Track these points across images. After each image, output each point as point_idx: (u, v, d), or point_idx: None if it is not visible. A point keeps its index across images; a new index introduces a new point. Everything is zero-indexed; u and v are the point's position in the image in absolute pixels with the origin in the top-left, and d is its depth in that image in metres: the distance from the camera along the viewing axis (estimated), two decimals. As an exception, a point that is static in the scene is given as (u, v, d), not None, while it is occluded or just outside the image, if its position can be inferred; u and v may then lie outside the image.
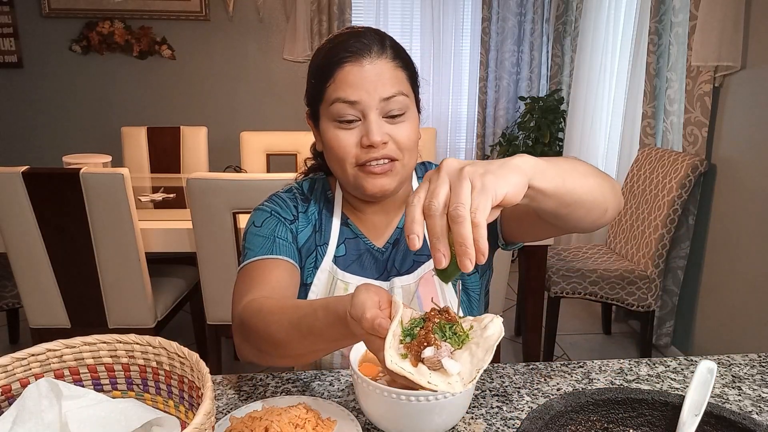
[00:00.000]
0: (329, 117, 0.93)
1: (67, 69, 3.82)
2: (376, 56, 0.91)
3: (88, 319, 2.10)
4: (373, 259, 1.04)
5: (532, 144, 3.77)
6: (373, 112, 0.91)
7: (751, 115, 2.26)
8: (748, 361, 0.96)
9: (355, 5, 3.82)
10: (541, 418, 0.68)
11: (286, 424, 0.70)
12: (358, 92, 0.90)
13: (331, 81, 0.92)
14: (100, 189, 1.88)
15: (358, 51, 0.91)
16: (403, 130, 0.94)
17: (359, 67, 0.90)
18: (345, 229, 1.04)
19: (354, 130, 0.92)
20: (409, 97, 0.95)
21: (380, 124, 0.92)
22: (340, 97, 0.91)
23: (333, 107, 0.92)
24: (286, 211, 1.04)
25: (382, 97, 0.91)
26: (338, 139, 0.93)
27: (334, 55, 0.92)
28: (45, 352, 0.66)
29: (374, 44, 0.92)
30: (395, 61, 0.93)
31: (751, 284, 2.26)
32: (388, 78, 0.92)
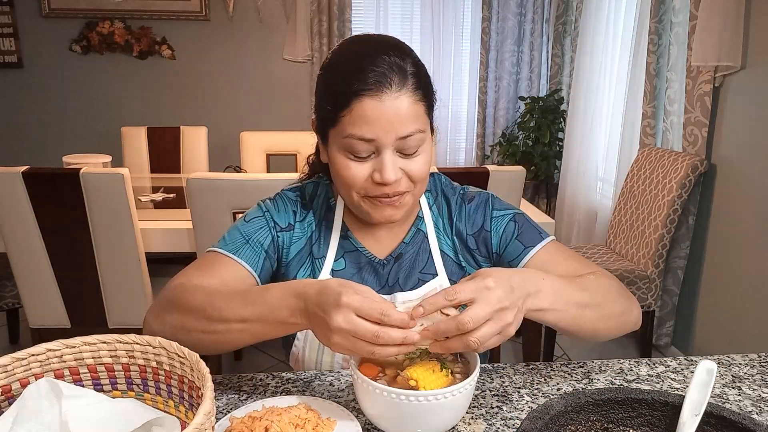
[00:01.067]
0: (341, 146, 0.89)
1: (67, 69, 3.82)
2: (396, 90, 0.85)
3: (88, 319, 2.10)
4: (374, 272, 1.01)
5: (532, 144, 3.77)
6: (388, 149, 0.86)
7: (751, 115, 2.26)
8: (748, 361, 0.96)
9: (355, 5, 3.82)
10: (541, 418, 0.68)
11: (286, 424, 0.70)
12: (375, 130, 0.85)
13: (347, 112, 0.85)
14: (100, 189, 1.88)
15: (378, 83, 0.84)
16: (417, 164, 0.90)
17: (378, 103, 0.84)
18: (344, 242, 1.01)
19: (366, 164, 0.88)
20: (425, 132, 0.90)
21: (394, 161, 0.87)
22: (355, 133, 0.85)
23: (347, 140, 0.87)
24: (282, 216, 1.01)
25: (399, 136, 0.86)
26: (348, 169, 0.89)
27: (352, 84, 0.85)
28: (45, 352, 0.66)
29: (395, 75, 0.85)
30: (416, 93, 0.87)
31: (751, 284, 2.26)
32: (407, 116, 0.86)
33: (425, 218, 1.03)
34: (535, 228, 1.01)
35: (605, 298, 0.88)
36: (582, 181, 3.50)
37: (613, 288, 0.90)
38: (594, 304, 0.85)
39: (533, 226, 1.02)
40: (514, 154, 3.79)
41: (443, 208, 1.05)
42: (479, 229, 1.02)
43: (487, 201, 1.04)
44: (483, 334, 0.69)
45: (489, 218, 1.02)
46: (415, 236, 1.02)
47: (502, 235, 1.01)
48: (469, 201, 1.04)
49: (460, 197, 1.05)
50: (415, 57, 0.91)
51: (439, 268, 1.01)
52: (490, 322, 0.69)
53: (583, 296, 0.83)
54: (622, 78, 3.18)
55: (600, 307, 0.86)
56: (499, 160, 3.95)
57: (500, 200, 1.05)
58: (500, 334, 0.71)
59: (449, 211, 1.04)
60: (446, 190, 1.06)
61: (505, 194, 1.99)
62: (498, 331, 0.70)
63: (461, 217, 1.03)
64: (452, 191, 1.06)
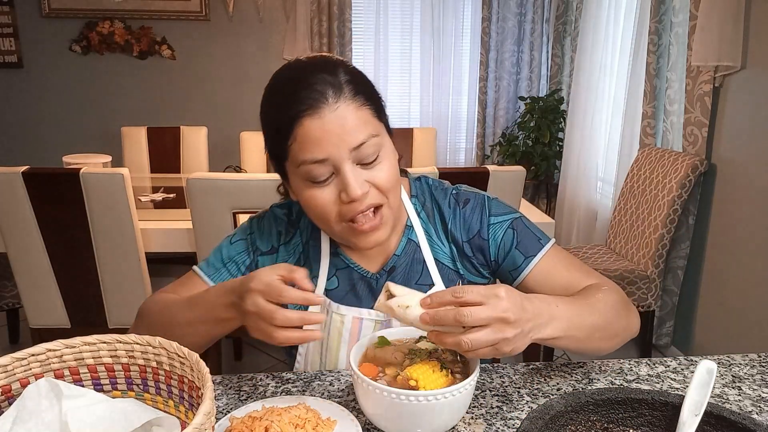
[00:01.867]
0: (300, 177, 0.85)
1: (67, 69, 3.82)
2: (333, 102, 0.81)
3: (88, 319, 2.10)
4: (368, 287, 0.97)
5: (532, 144, 3.77)
6: (345, 164, 0.82)
7: (751, 115, 2.26)
8: (748, 361, 0.96)
9: (355, 5, 3.82)
10: (541, 418, 0.68)
11: (286, 424, 0.70)
12: (325, 148, 0.80)
13: (292, 140, 0.82)
14: (100, 189, 1.88)
15: (313, 100, 0.80)
16: (382, 173, 0.85)
17: (319, 120, 0.80)
18: (335, 259, 0.98)
19: (330, 186, 0.84)
20: (380, 135, 0.85)
21: (356, 174, 0.82)
22: (306, 158, 0.81)
23: (301, 169, 0.83)
24: (265, 239, 1.00)
25: (352, 147, 0.81)
26: (315, 199, 0.85)
27: (288, 111, 0.81)
28: (45, 352, 0.66)
29: (328, 87, 0.81)
30: (356, 99, 0.82)
31: (751, 284, 2.26)
32: (353, 124, 0.81)
33: (414, 227, 0.98)
34: (534, 234, 0.97)
35: (614, 317, 0.87)
36: (582, 181, 3.50)
37: (618, 305, 0.89)
38: (603, 326, 0.84)
39: (532, 232, 0.97)
40: (514, 154, 3.79)
41: (434, 213, 1.00)
42: (475, 236, 0.97)
43: (483, 205, 0.99)
44: (476, 337, 0.68)
45: (486, 225, 0.97)
46: (406, 247, 0.98)
47: (500, 244, 0.96)
48: (464, 204, 0.99)
49: (453, 199, 0.99)
50: (348, 66, 0.87)
51: (435, 277, 0.97)
52: (488, 329, 0.68)
53: (594, 320, 0.82)
54: (622, 78, 3.18)
55: (608, 327, 0.85)
56: (499, 160, 3.95)
57: (497, 202, 1.00)
58: (495, 347, 0.69)
59: (442, 216, 0.99)
60: (436, 193, 1.01)
61: (505, 194, 1.99)
62: (493, 342, 0.69)
63: (456, 222, 0.98)
64: (443, 194, 1.00)
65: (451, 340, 0.70)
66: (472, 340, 0.68)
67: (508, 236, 0.96)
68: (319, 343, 0.97)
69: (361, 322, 0.95)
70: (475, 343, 0.68)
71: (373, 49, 3.92)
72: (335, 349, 0.96)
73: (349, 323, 0.95)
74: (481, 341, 0.68)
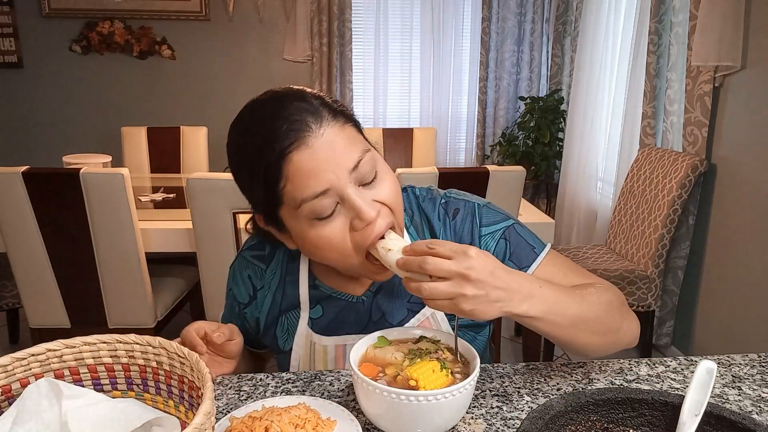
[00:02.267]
0: (302, 218, 0.78)
1: (67, 69, 3.82)
2: (317, 128, 0.75)
3: (88, 319, 2.10)
4: (354, 312, 0.94)
5: (532, 144, 3.78)
6: (349, 189, 0.76)
7: (751, 115, 2.26)
8: (748, 361, 0.96)
9: (355, 5, 3.82)
10: (541, 418, 0.68)
11: (286, 424, 0.70)
12: (323, 178, 0.74)
13: (284, 181, 0.75)
14: (100, 189, 1.88)
15: (296, 131, 0.74)
16: (385, 189, 0.80)
17: (308, 150, 0.74)
18: (314, 291, 0.95)
19: (338, 218, 0.77)
20: (371, 150, 0.80)
21: (363, 197, 0.77)
22: (307, 195, 0.75)
23: (303, 209, 0.76)
24: (242, 291, 0.99)
25: (350, 168, 0.76)
26: (326, 237, 0.78)
27: (270, 151, 0.74)
28: (45, 352, 0.66)
29: (307, 114, 0.75)
30: (337, 119, 0.77)
31: (751, 284, 2.26)
32: (343, 144, 0.76)
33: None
34: (528, 243, 0.92)
35: (605, 312, 0.83)
36: (582, 181, 3.50)
37: (613, 303, 0.86)
38: (591, 319, 0.81)
39: (525, 240, 0.93)
40: (514, 154, 3.79)
41: (423, 226, 0.94)
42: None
43: (473, 215, 0.93)
44: (435, 286, 0.69)
45: (477, 237, 0.92)
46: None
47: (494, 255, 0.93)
48: (453, 216, 0.93)
49: (443, 209, 0.94)
50: (314, 92, 0.81)
51: None
52: (449, 282, 0.69)
53: (581, 309, 0.79)
54: (622, 78, 3.18)
55: (597, 321, 0.82)
56: (499, 160, 3.95)
57: (488, 210, 0.94)
58: (453, 302, 0.70)
59: (432, 229, 0.94)
60: (424, 205, 0.95)
61: (505, 194, 2.00)
62: (451, 296, 0.69)
63: (446, 235, 0.93)
64: (431, 205, 0.95)
65: (414, 285, 0.71)
66: (431, 287, 0.69)
67: (500, 247, 0.92)
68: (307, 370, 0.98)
69: (344, 347, 0.94)
70: (433, 292, 0.69)
71: (373, 49, 3.92)
72: None
73: (332, 352, 0.95)
74: (438, 291, 0.69)
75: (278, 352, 1.00)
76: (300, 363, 0.97)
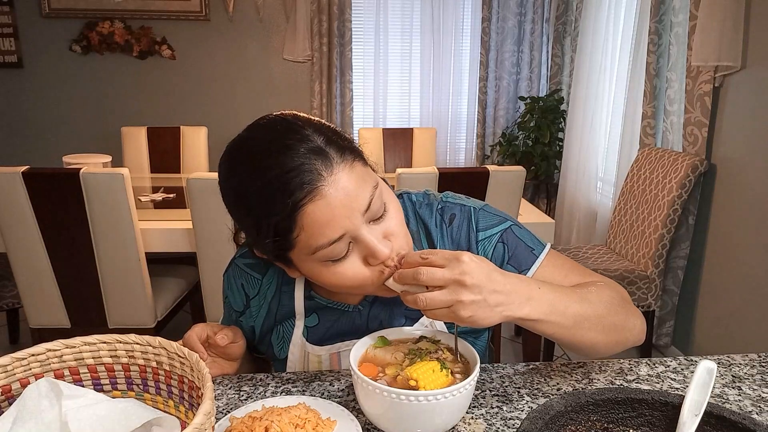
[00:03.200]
0: (314, 261, 0.77)
1: (67, 69, 3.82)
2: (328, 173, 0.71)
3: (88, 319, 2.10)
4: (350, 322, 0.93)
5: (532, 144, 3.78)
6: (362, 230, 0.74)
7: (751, 115, 2.26)
8: (748, 361, 0.96)
9: (355, 5, 3.82)
10: (541, 418, 0.68)
11: (286, 424, 0.70)
12: (338, 225, 0.72)
13: (298, 231, 0.73)
14: (100, 189, 1.88)
15: (307, 184, 0.70)
16: (393, 220, 0.79)
17: (322, 200, 0.71)
18: (309, 302, 0.94)
19: (352, 256, 0.77)
20: (378, 184, 0.78)
21: (376, 235, 0.76)
22: (322, 243, 0.73)
23: (317, 255, 0.75)
24: (237, 299, 0.99)
25: (363, 211, 0.74)
26: (342, 275, 0.77)
27: (284, 207, 0.71)
28: (45, 352, 0.66)
29: (315, 160, 0.71)
30: (344, 158, 0.73)
31: (751, 284, 2.26)
32: (355, 187, 0.73)
33: None
34: (527, 245, 0.91)
35: (607, 310, 0.82)
36: (582, 181, 3.50)
37: (615, 300, 0.85)
38: (594, 317, 0.79)
39: (524, 242, 0.91)
40: (514, 154, 3.79)
41: (420, 233, 0.93)
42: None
43: (469, 219, 0.91)
44: (431, 296, 0.69)
45: (474, 242, 0.91)
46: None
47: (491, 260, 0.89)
48: (450, 222, 0.92)
49: (439, 215, 0.92)
50: (311, 121, 0.77)
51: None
52: (444, 290, 0.69)
53: (582, 308, 0.78)
54: (622, 78, 3.18)
55: (600, 320, 0.80)
56: (499, 160, 3.95)
57: (484, 213, 0.92)
58: (450, 309, 0.69)
59: (429, 236, 0.92)
60: (421, 211, 0.93)
61: (505, 194, 2.00)
62: (448, 304, 0.69)
63: (444, 242, 0.92)
64: (428, 211, 0.93)
65: (410, 297, 0.71)
66: (427, 298, 0.69)
67: (498, 251, 0.90)
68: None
69: (339, 354, 0.94)
70: (429, 303, 0.69)
71: (373, 49, 3.92)
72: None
73: (326, 361, 0.94)
74: (435, 301, 0.69)
75: (274, 360, 1.00)
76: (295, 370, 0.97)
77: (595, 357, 0.87)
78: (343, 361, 0.94)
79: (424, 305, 0.69)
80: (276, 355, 0.98)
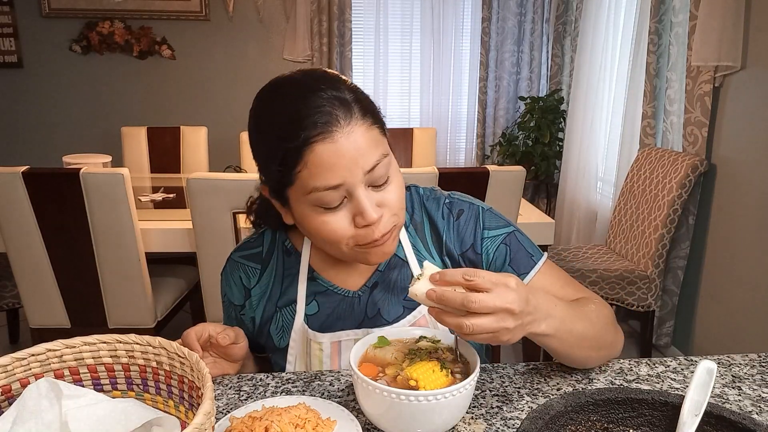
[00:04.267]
0: (308, 203, 0.80)
1: (67, 69, 3.82)
2: (345, 124, 0.76)
3: (88, 319, 2.10)
4: (350, 308, 0.95)
5: (532, 144, 3.78)
6: (359, 188, 0.78)
7: (751, 115, 2.26)
8: (748, 361, 0.96)
9: (355, 5, 3.82)
10: (541, 418, 0.68)
11: (286, 424, 0.70)
12: (339, 174, 0.76)
13: (302, 166, 0.76)
14: (100, 189, 1.88)
15: (325, 124, 0.75)
16: (392, 194, 0.82)
17: (332, 145, 0.75)
18: (312, 283, 0.95)
19: (342, 211, 0.80)
20: (389, 155, 0.82)
21: (371, 198, 0.80)
22: (319, 185, 0.77)
23: (312, 196, 0.78)
24: (235, 293, 1.00)
25: (366, 171, 0.78)
26: (327, 225, 0.80)
27: (296, 136, 0.76)
28: (45, 352, 0.66)
29: (338, 108, 0.76)
30: (365, 119, 0.79)
31: (751, 284, 2.26)
32: (366, 146, 0.77)
33: (402, 241, 0.94)
34: (527, 251, 0.94)
35: (603, 330, 0.87)
36: (582, 181, 3.50)
37: (608, 320, 0.90)
38: (592, 336, 0.84)
39: (525, 248, 0.95)
40: (514, 154, 3.79)
41: (425, 226, 0.96)
42: (468, 249, 0.95)
43: (477, 217, 0.95)
44: (479, 323, 0.67)
45: (479, 239, 0.94)
46: (391, 262, 0.95)
47: (492, 260, 0.94)
48: (458, 216, 0.95)
49: (447, 209, 0.96)
50: (348, 83, 0.82)
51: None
52: (492, 317, 0.68)
53: (585, 327, 0.82)
54: (622, 78, 3.18)
55: (597, 338, 0.86)
56: (499, 160, 3.95)
57: (491, 214, 0.96)
58: (494, 335, 0.69)
59: (435, 228, 0.96)
60: (428, 204, 0.97)
61: (505, 194, 1.99)
62: (494, 330, 0.68)
63: (450, 234, 0.95)
64: (435, 204, 0.97)
65: (453, 320, 0.69)
66: (474, 324, 0.67)
67: (500, 252, 0.94)
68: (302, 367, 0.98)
69: (340, 344, 0.94)
70: (476, 329, 0.67)
71: (373, 49, 3.92)
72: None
73: (327, 349, 0.95)
74: (483, 327, 0.68)
75: (273, 351, 1.00)
76: (296, 359, 0.97)
77: (584, 367, 0.92)
78: (343, 352, 0.94)
79: (471, 330, 0.68)
80: (276, 345, 0.98)
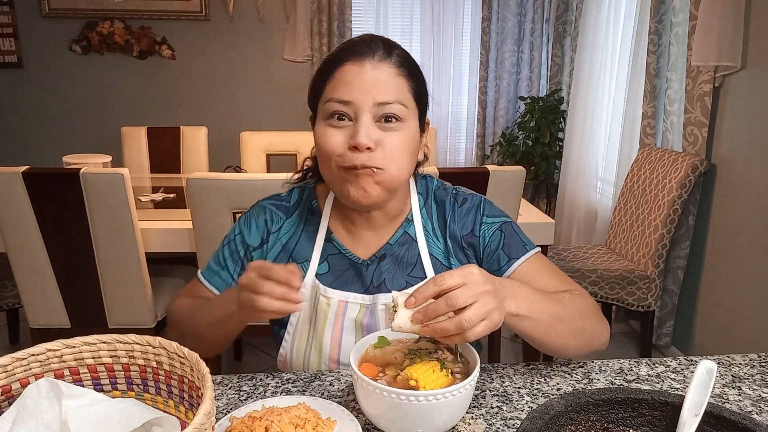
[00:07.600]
0: (323, 115, 0.91)
1: (67, 69, 3.82)
2: (378, 60, 0.89)
3: (88, 319, 2.10)
4: (357, 273, 1.01)
5: (532, 144, 3.78)
6: (365, 114, 0.87)
7: (751, 115, 2.26)
8: (748, 361, 0.96)
9: (355, 5, 3.82)
10: (541, 418, 0.68)
11: (286, 424, 0.70)
12: (353, 92, 0.87)
13: (330, 80, 0.90)
14: (100, 189, 1.88)
15: (361, 52, 0.89)
16: (395, 140, 0.89)
17: (359, 67, 0.88)
18: (328, 245, 1.02)
19: (343, 130, 0.89)
20: (408, 109, 0.91)
21: (370, 128, 0.88)
22: (334, 96, 0.88)
23: (327, 105, 0.90)
24: (254, 234, 1.04)
25: (377, 101, 0.87)
26: (326, 136, 0.90)
27: (337, 56, 0.90)
28: (45, 352, 0.66)
29: (380, 49, 0.89)
30: (400, 69, 0.90)
31: (751, 284, 2.26)
32: (388, 83, 0.88)
33: (414, 221, 1.02)
34: (521, 240, 1.01)
35: (579, 315, 0.89)
36: (582, 181, 3.50)
37: (587, 307, 0.92)
38: (567, 319, 0.86)
39: (519, 237, 1.02)
40: (514, 154, 3.79)
41: (434, 210, 1.04)
42: (468, 233, 1.02)
43: (479, 205, 1.04)
44: (471, 314, 0.71)
45: (478, 223, 1.02)
46: (401, 238, 1.02)
47: (488, 242, 1.01)
48: (462, 203, 1.04)
49: (453, 197, 1.04)
50: (406, 51, 0.94)
51: (429, 271, 1.00)
52: (477, 304, 0.71)
53: (557, 309, 0.85)
54: (622, 78, 3.18)
55: (572, 322, 0.88)
56: (499, 160, 3.95)
57: (492, 205, 1.05)
58: (487, 320, 0.72)
59: (442, 212, 1.04)
60: (438, 193, 1.06)
61: (505, 194, 1.99)
62: (484, 315, 0.72)
63: (454, 218, 1.03)
64: (444, 192, 1.06)
65: (450, 324, 0.71)
66: (469, 317, 0.71)
67: (495, 237, 1.01)
68: (306, 322, 1.00)
69: (346, 305, 0.99)
70: (473, 319, 0.71)
71: (373, 49, 3.92)
72: (321, 329, 0.99)
73: (335, 306, 0.99)
74: (477, 315, 0.71)
75: None
76: (301, 313, 1.00)
77: (564, 357, 0.93)
78: (348, 313, 0.98)
79: (469, 324, 0.71)
80: None
